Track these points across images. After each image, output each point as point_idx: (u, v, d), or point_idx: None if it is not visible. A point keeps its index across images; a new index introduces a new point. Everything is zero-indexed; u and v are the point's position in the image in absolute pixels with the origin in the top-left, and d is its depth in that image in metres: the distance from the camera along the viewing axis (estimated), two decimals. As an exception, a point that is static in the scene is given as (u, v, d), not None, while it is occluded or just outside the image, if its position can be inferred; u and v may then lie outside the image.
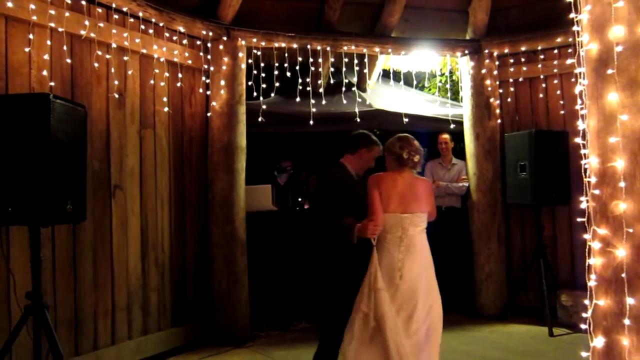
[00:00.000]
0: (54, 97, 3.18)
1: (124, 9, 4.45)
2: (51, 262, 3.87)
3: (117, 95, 4.44)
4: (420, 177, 3.58)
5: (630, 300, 2.15)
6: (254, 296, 5.36)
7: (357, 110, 5.79)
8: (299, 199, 6.96)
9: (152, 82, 4.78)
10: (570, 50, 5.36)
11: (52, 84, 3.90)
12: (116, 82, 4.43)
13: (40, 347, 3.27)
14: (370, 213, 3.34)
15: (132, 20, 4.56)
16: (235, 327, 5.15)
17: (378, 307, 3.21)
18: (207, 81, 5.29)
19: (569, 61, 5.13)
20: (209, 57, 5.26)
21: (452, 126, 6.24)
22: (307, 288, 5.74)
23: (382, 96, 6.78)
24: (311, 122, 5.60)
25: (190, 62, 5.14)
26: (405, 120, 5.88)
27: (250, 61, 5.49)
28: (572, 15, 2.45)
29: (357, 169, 3.70)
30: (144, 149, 4.71)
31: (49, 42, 3.91)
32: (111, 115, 4.41)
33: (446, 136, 6.34)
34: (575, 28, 2.45)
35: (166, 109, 4.90)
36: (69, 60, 4.06)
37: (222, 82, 5.22)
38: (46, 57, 3.89)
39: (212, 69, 5.27)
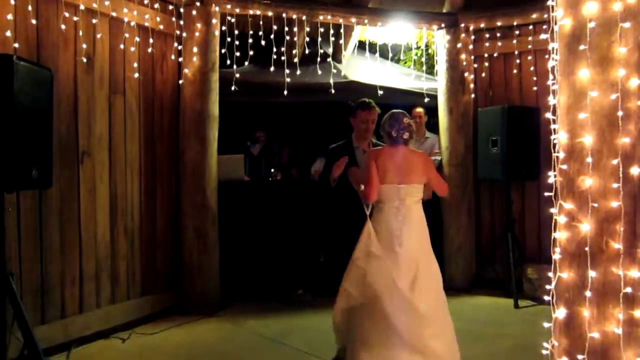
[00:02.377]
0: (17, 58, 3.07)
1: (93, -31, 4.30)
2: (16, 229, 3.80)
3: (85, 59, 4.31)
4: (417, 151, 3.71)
5: (592, 273, 2.21)
6: (226, 267, 5.36)
7: (331, 81, 5.76)
8: (272, 170, 6.93)
9: (122, 46, 4.66)
10: (545, 27, 5.39)
11: (16, 45, 3.76)
12: (84, 46, 4.30)
13: (5, 315, 3.22)
14: (366, 181, 3.51)
15: (101, -19, 4.41)
16: (206, 297, 5.16)
17: (372, 276, 3.37)
18: (180, 47, 5.18)
19: (543, 37, 5.17)
20: (181, 22, 5.14)
21: (426, 100, 6.25)
22: (278, 259, 5.77)
23: (358, 68, 6.75)
24: (285, 93, 5.54)
25: (162, 27, 5.01)
26: (380, 92, 5.86)
27: (224, 28, 5.38)
28: (547, -10, 2.45)
29: (358, 136, 4.18)
30: (113, 116, 4.62)
31: (12, 2, 3.76)
32: (79, 80, 4.29)
33: (420, 110, 6.36)
34: (550, 3, 2.45)
35: (137, 75, 4.80)
36: (34, 21, 3.92)
37: (195, 49, 5.12)
38: (10, 17, 3.74)
39: (184, 35, 5.15)
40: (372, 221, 3.50)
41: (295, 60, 5.98)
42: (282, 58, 5.62)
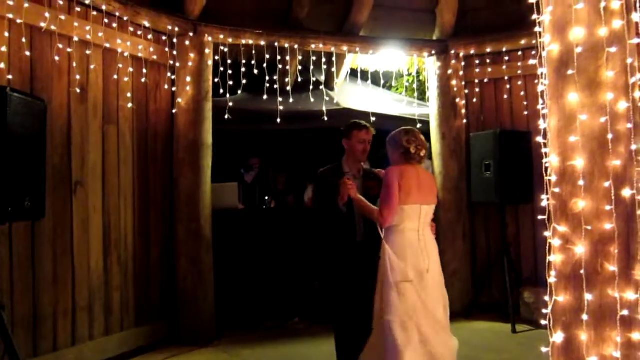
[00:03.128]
0: (11, 90, 3.08)
1: (87, 2, 4.35)
2: (8, 260, 3.76)
3: (78, 90, 4.33)
4: (427, 170, 3.64)
5: (588, 296, 2.20)
6: (220, 296, 5.32)
7: (324, 108, 5.79)
8: (266, 197, 6.92)
9: (115, 77, 4.68)
10: (534, 52, 5.45)
11: (10, 77, 3.78)
12: (78, 77, 4.32)
13: (-4, 348, 3.17)
14: (386, 201, 3.32)
15: (95, 13, 4.45)
16: (201, 326, 5.09)
17: (410, 302, 3.22)
18: (173, 77, 5.21)
19: (532, 62, 5.24)
20: (174, 52, 5.19)
21: (418, 126, 6.26)
22: (273, 287, 5.73)
23: (350, 95, 6.79)
24: (278, 120, 5.57)
25: (155, 57, 5.05)
26: (373, 119, 5.88)
27: (217, 58, 5.43)
28: (534, 16, 2.49)
29: (351, 159, 3.88)
30: (107, 145, 4.62)
31: (7, 34, 3.79)
32: (73, 110, 4.31)
33: (413, 135, 6.37)
34: (537, 29, 2.49)
35: (130, 105, 4.81)
36: (28, 53, 3.94)
37: (188, 79, 5.16)
38: (4, 49, 3.77)
39: (177, 64, 5.19)
40: (390, 244, 3.32)
41: (288, 88, 6.04)
42: (275, 86, 5.66)
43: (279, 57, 5.73)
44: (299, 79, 6.02)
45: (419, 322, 3.20)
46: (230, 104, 5.44)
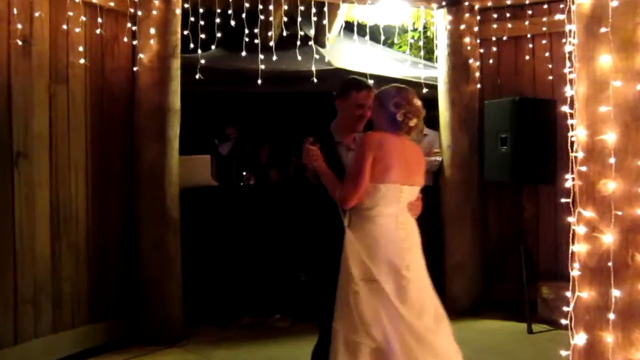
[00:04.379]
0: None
1: None
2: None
3: (20, 42, 4.26)
4: (415, 144, 3.39)
5: (615, 292, 2.22)
6: (189, 287, 5.33)
7: (313, 68, 5.74)
8: (245, 173, 6.91)
9: (65, 27, 4.61)
10: (562, 6, 5.44)
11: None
12: (19, 26, 4.24)
13: None
14: (351, 176, 3.12)
15: (40, -50, 4.37)
16: (167, 322, 5.11)
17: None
18: (134, 28, 5.13)
19: (559, 17, 5.22)
20: (136, -1, 5.12)
21: (424, 90, 6.24)
22: (251, 278, 5.75)
23: (344, 53, 6.75)
24: (259, 82, 5.51)
25: (112, 4, 4.97)
26: (371, 82, 5.82)
27: (186, 6, 5.36)
28: (563, -37, 2.47)
29: (344, 126, 3.61)
30: (55, 109, 4.56)
31: None
32: (13, 67, 4.24)
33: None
34: (566, -22, 2.47)
35: (82, 61, 4.75)
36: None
37: (152, 31, 5.08)
38: None
39: (139, 13, 5.11)
40: (358, 234, 3.13)
41: (271, 43, 5.96)
42: (256, 41, 5.59)
43: (260, 7, 5.65)
44: (284, 33, 5.95)
45: (385, 335, 2.99)
46: (203, 61, 5.38)
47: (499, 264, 6.03)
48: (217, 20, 5.45)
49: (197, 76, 5.33)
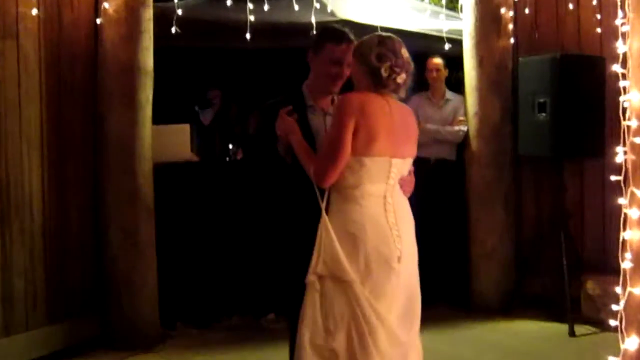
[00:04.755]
0: None
1: None
2: None
3: (-40, -11, 4.25)
4: (404, 105, 3.34)
5: (675, 289, 2.22)
6: (166, 281, 5.36)
7: (313, 20, 5.69)
8: (231, 146, 6.89)
9: (13, -31, 4.59)
10: (612, -57, 5.39)
11: None
12: (-41, -31, 4.23)
13: None
14: (328, 149, 3.04)
15: None
16: (139, 323, 5.15)
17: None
18: (97, -28, 5.12)
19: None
20: None
21: (446, 46, 6.22)
22: (238, 271, 5.75)
23: (350, 1, 6.70)
24: (248, 36, 5.49)
25: (71, -59, 4.95)
26: (384, 33, 5.79)
27: (160, -57, 5.32)
28: None
29: (318, 86, 3.54)
30: (2, 69, 4.55)
31: None
32: (-48, 19, 4.23)
33: (438, 61, 6.33)
34: None
35: (35, 12, 4.72)
36: None
37: (119, -26, 5.06)
38: None
39: (103, -47, 5.09)
40: (339, 219, 3.05)
41: (262, -11, 5.93)
42: (244, -14, 5.57)
43: (249, -55, 5.62)
44: (278, -23, 5.91)
45: (354, 340, 2.95)
46: (179, 11, 5.35)
47: (535, 253, 6.03)
48: (197, -39, 5.42)
49: (172, 29, 5.30)
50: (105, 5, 5.07)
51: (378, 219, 3.05)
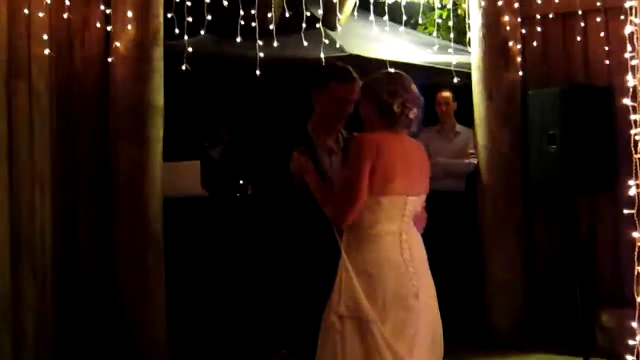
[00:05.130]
0: None
1: None
2: None
3: (-27, 31, 4.31)
4: (416, 141, 3.38)
5: (692, 324, 2.20)
6: (175, 322, 5.34)
7: (322, 55, 5.74)
8: (241, 181, 6.91)
9: (26, 11, 4.65)
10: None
11: None
12: (-28, 11, 4.30)
13: None
14: (346, 190, 3.05)
15: None
16: (149, 361, 5.13)
17: None
18: (108, 11, 5.17)
19: (616, -10, 5.18)
20: (109, -24, 5.15)
21: (455, 80, 6.25)
22: (252, 309, 5.72)
23: (359, 36, 6.75)
24: (257, 72, 5.53)
25: (82, -18, 5.03)
26: (391, 70, 5.84)
27: (170, -17, 5.39)
28: None
29: (324, 124, 3.59)
30: (14, 109, 4.60)
31: None
32: (-35, 60, 4.29)
33: (447, 94, 6.36)
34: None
35: (47, 52, 4.78)
36: None
37: (130, 13, 5.10)
38: None
39: (114, -7, 5.16)
40: (357, 259, 3.06)
41: (271, 26, 5.96)
42: (253, 24, 5.61)
43: (257, -17, 5.68)
44: (287, 14, 5.96)
45: None
46: (190, 49, 5.39)
47: (548, 286, 6.00)
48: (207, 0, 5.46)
49: (183, 67, 5.35)
50: (116, 44, 5.12)
51: (394, 258, 3.06)
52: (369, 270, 3.01)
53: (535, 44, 6.22)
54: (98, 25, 5.16)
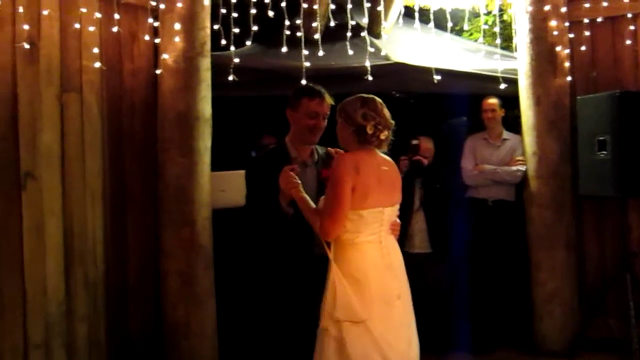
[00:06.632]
0: None
1: None
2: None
3: (27, 45, 4.39)
4: (387, 157, 3.60)
5: None
6: (224, 328, 5.37)
7: (368, 64, 5.75)
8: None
9: (77, 26, 4.73)
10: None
11: None
12: (26, 27, 4.38)
13: None
14: (331, 207, 3.31)
15: (47, -63, 4.51)
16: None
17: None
18: (156, 24, 5.25)
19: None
20: (157, -10, 5.23)
21: (502, 86, 6.20)
22: (305, 314, 5.71)
23: (404, 44, 6.73)
24: (303, 82, 5.54)
25: (131, -3, 5.11)
26: (437, 77, 5.83)
27: (216, -4, 5.45)
28: None
29: (299, 139, 3.87)
30: (66, 122, 4.68)
31: None
32: (19, 74, 4.38)
33: (493, 101, 6.29)
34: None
35: (97, 65, 4.86)
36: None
37: (177, 26, 5.17)
38: None
39: (162, 7, 5.22)
40: (343, 266, 3.34)
41: (316, 36, 5.98)
42: (298, 34, 5.64)
43: (302, -7, 5.71)
44: (332, 23, 5.97)
45: None
46: (236, 60, 5.44)
47: (600, 295, 5.90)
48: (252, 11, 5.51)
49: (230, 77, 5.38)
50: (165, 56, 5.19)
51: (377, 263, 3.38)
52: (355, 275, 3.31)
53: (583, 48, 6.16)
54: (146, 38, 5.24)
